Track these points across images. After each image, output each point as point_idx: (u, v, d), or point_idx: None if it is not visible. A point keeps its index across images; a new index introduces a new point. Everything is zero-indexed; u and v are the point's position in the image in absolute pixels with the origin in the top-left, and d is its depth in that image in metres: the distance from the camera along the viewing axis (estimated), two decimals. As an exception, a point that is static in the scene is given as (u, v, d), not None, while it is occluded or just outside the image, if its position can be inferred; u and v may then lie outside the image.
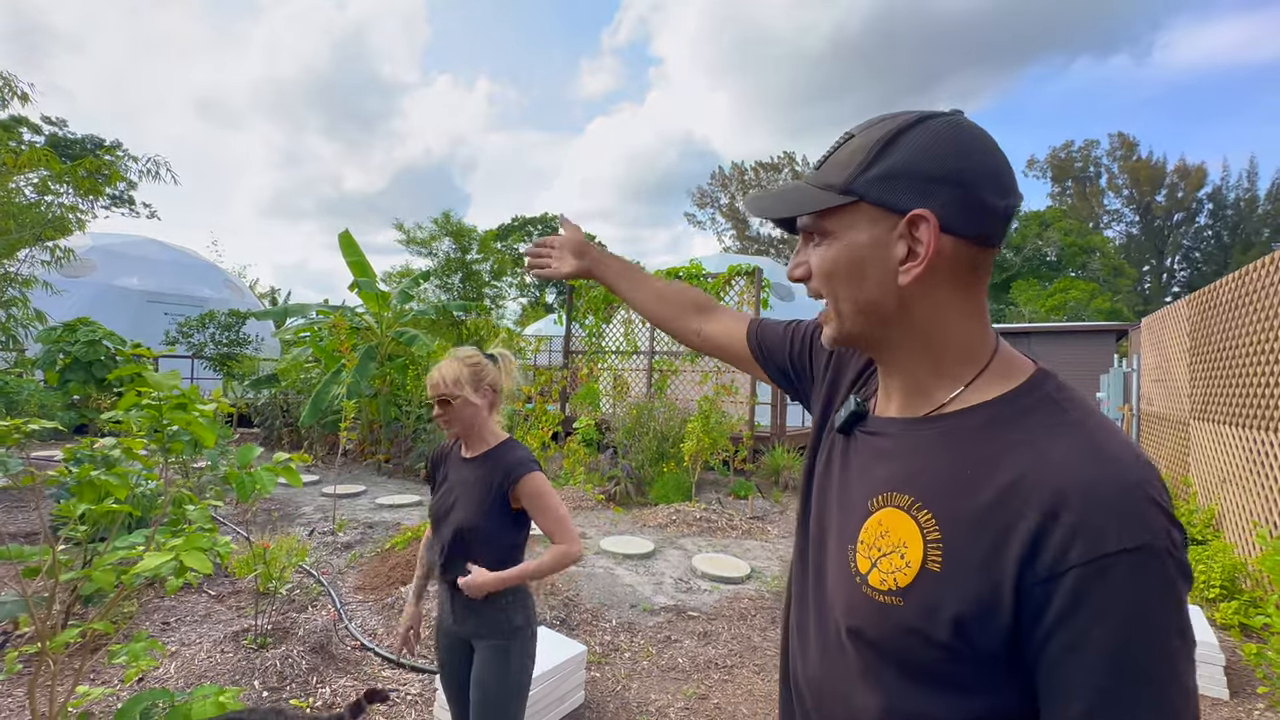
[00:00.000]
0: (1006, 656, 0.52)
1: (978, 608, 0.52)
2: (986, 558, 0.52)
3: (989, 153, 0.57)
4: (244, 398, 9.88)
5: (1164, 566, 0.48)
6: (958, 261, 0.58)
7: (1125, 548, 0.47)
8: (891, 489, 0.61)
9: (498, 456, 1.59)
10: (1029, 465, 0.53)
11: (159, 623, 3.15)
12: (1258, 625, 2.84)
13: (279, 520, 5.20)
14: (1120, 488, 0.49)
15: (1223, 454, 4.71)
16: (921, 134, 0.58)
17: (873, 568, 0.59)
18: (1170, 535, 0.48)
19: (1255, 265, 4.32)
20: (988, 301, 0.63)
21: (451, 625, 1.62)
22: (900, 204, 0.57)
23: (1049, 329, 17.62)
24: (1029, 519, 0.50)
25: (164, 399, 1.75)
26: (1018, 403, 0.57)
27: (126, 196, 24.12)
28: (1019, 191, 0.58)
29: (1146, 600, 0.47)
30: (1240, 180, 37.23)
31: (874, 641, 0.59)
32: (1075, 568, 0.48)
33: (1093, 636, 0.47)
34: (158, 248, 14.33)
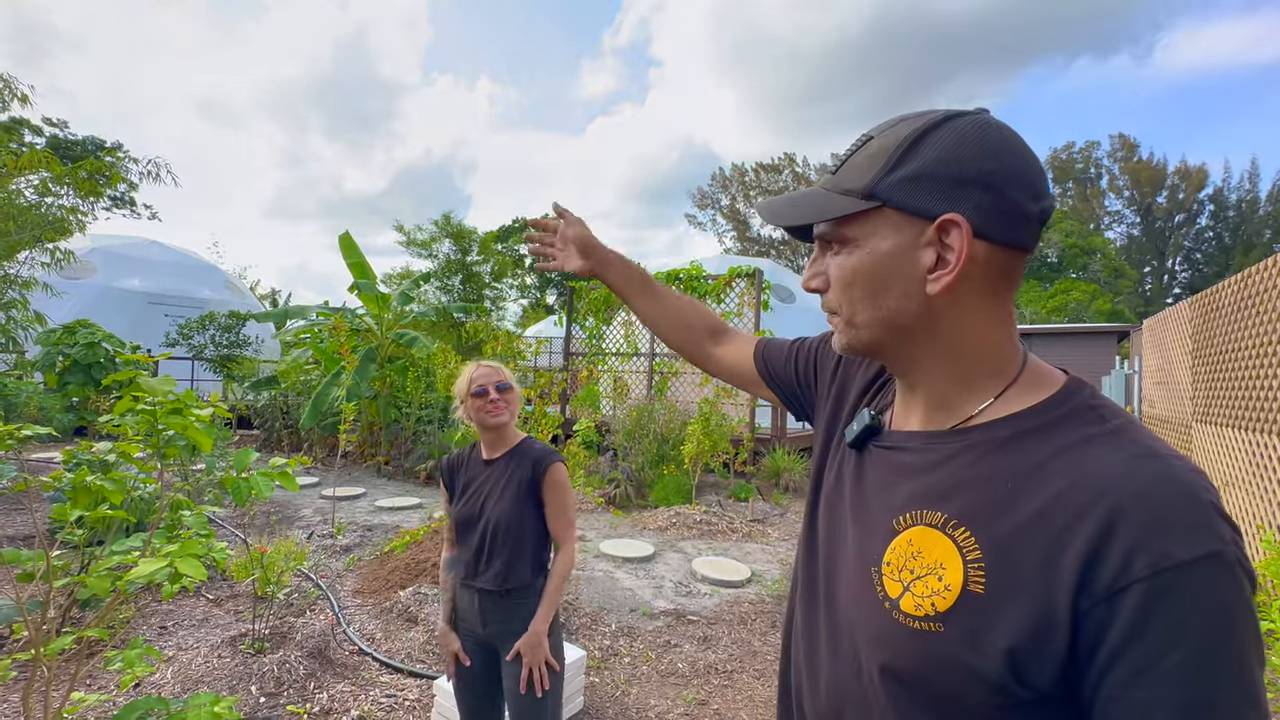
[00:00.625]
0: (1058, 698, 0.47)
1: (1029, 633, 0.47)
2: (1035, 577, 0.47)
3: (1020, 154, 0.54)
4: (244, 400, 9.88)
5: (1236, 576, 0.44)
6: (989, 268, 0.55)
7: (1196, 556, 0.43)
8: (921, 506, 0.57)
9: (523, 451, 1.67)
10: (1074, 476, 0.49)
11: (156, 627, 3.13)
12: (1263, 631, 2.82)
13: (278, 523, 5.19)
14: (1181, 494, 0.46)
15: (1226, 457, 4.69)
16: (947, 134, 0.54)
17: (905, 591, 0.54)
18: (1238, 543, 0.45)
19: (1258, 268, 4.30)
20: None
21: (479, 631, 1.65)
22: (928, 208, 0.54)
23: (1050, 330, 17.60)
24: (1081, 533, 0.46)
25: (159, 404, 1.74)
26: (1052, 412, 0.54)
27: (127, 198, 24.14)
28: (1051, 194, 0.55)
29: (1222, 613, 0.43)
30: (1241, 181, 37.24)
31: (909, 676, 0.53)
32: (1139, 582, 0.43)
33: (1165, 657, 0.43)
34: (158, 249, 14.34)
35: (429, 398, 7.79)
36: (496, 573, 1.61)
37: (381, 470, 7.78)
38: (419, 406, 7.83)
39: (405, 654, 2.97)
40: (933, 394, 0.61)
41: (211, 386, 11.76)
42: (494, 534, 1.62)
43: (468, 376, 1.69)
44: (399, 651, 2.99)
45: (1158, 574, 0.43)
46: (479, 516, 1.65)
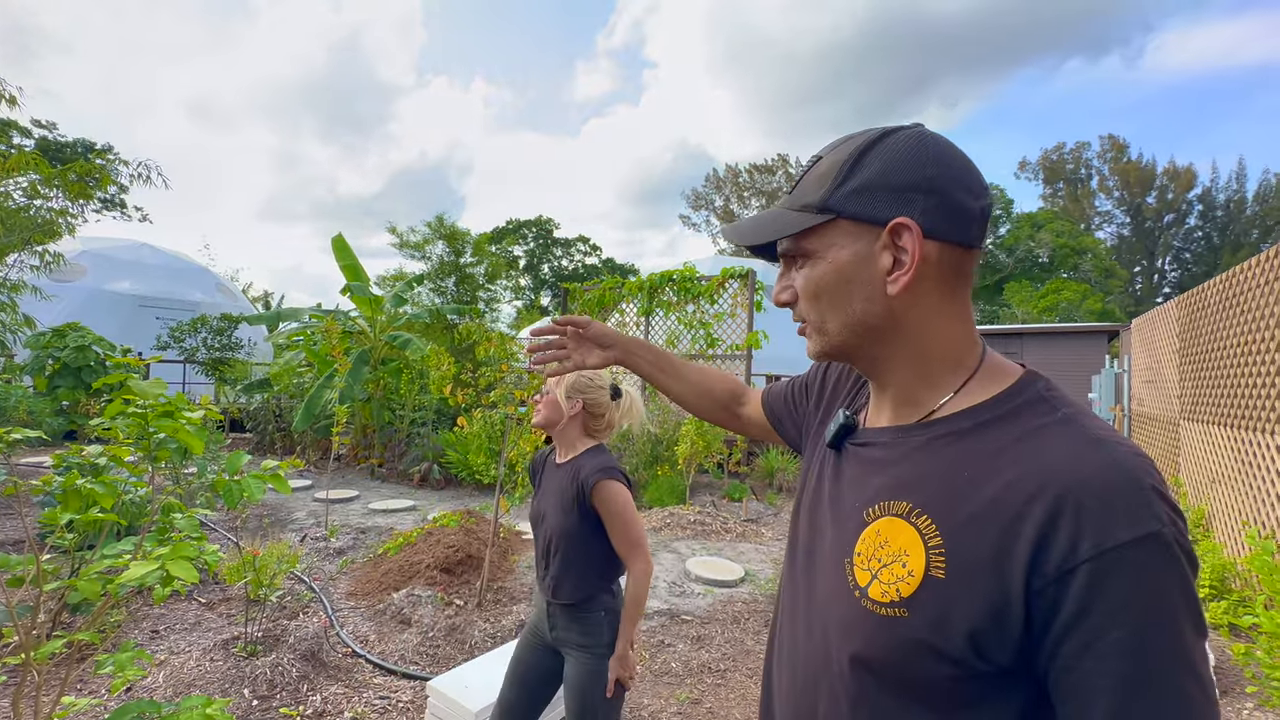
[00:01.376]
0: (1016, 671, 0.50)
1: (988, 614, 0.50)
2: (992, 560, 0.50)
3: (956, 159, 0.59)
4: (236, 402, 9.83)
5: (1175, 556, 0.47)
6: (943, 266, 0.58)
7: (1135, 537, 0.46)
8: (888, 497, 0.60)
9: (580, 462, 1.64)
10: (1025, 464, 0.52)
11: (148, 631, 3.12)
12: (1246, 625, 2.86)
13: (271, 526, 5.17)
14: (1123, 479, 0.48)
15: (1212, 454, 4.75)
16: (888, 148, 0.59)
17: (873, 580, 0.57)
18: (1176, 524, 0.48)
19: (1243, 266, 4.36)
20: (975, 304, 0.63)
21: (546, 634, 1.65)
22: (880, 215, 0.58)
23: (1041, 330, 17.72)
24: (1032, 519, 0.49)
25: (150, 407, 1.74)
26: (1008, 403, 0.57)
27: (117, 200, 23.97)
28: (989, 193, 0.59)
29: (1161, 590, 0.46)
30: (1229, 182, 37.64)
31: (876, 663, 0.56)
32: (1086, 562, 0.46)
33: (1109, 633, 0.46)
34: (149, 251, 14.26)
35: (423, 400, 7.78)
36: (550, 582, 1.61)
37: (375, 473, 7.76)
38: (413, 409, 7.82)
39: (399, 656, 2.97)
40: (900, 391, 0.64)
41: (204, 389, 11.69)
42: (548, 542, 1.63)
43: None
44: (392, 653, 2.99)
45: (1101, 554, 0.46)
46: (541, 521, 1.68)
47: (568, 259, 44.52)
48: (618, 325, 9.31)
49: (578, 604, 1.59)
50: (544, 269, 43.84)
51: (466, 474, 6.97)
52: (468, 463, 6.84)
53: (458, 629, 3.20)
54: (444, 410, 7.99)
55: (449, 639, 3.12)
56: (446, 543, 4.05)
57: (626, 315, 9.25)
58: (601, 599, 1.60)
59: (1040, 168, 41.21)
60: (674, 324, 8.66)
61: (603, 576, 1.61)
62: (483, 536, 4.26)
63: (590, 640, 1.57)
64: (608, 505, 1.56)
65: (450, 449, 7.15)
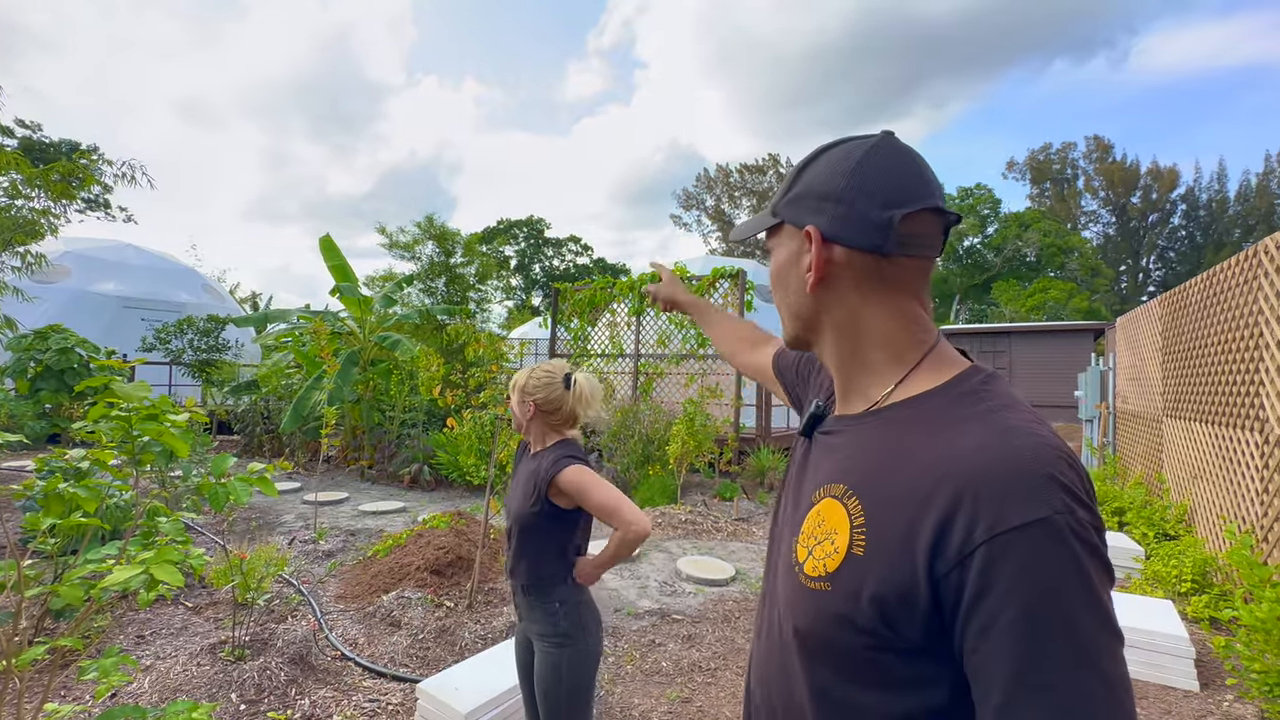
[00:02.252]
0: (932, 650, 0.52)
1: (896, 592, 0.53)
2: (902, 542, 0.53)
3: (883, 170, 0.62)
4: (223, 404, 9.73)
5: (1067, 542, 0.47)
6: (854, 269, 0.63)
7: (1025, 521, 0.47)
8: (831, 480, 0.64)
9: (546, 454, 1.68)
10: (940, 452, 0.55)
11: (133, 636, 3.09)
12: (1226, 619, 2.91)
13: (258, 529, 5.13)
14: (1019, 466, 0.50)
15: (1194, 451, 4.82)
16: (829, 158, 0.65)
17: (809, 556, 0.62)
18: (1074, 513, 0.48)
19: (1222, 266, 4.44)
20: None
21: (520, 623, 1.73)
22: (801, 221, 0.65)
23: (1028, 328, 17.91)
24: (936, 505, 0.52)
25: (134, 409, 1.72)
26: (943, 395, 0.60)
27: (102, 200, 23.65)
28: (918, 203, 0.61)
29: (1051, 576, 0.47)
30: (1211, 182, 38.22)
31: (809, 636, 0.60)
32: (980, 547, 0.48)
33: (1003, 614, 0.47)
34: (133, 252, 14.08)
35: (412, 401, 7.74)
36: (509, 563, 1.69)
37: (365, 474, 7.71)
38: (403, 410, 7.78)
39: (388, 658, 2.96)
40: (845, 381, 0.70)
41: (190, 392, 11.57)
42: (512, 528, 1.69)
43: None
44: (382, 656, 2.98)
45: (993, 538, 0.48)
46: (509, 507, 1.74)
47: (559, 259, 44.43)
48: (608, 325, 9.31)
49: (534, 592, 1.63)
50: (535, 269, 43.74)
51: (457, 475, 6.95)
52: (458, 464, 6.82)
53: (448, 631, 3.19)
54: (434, 411, 7.95)
55: (439, 641, 3.11)
56: (437, 544, 4.04)
57: (617, 315, 9.25)
58: (558, 590, 1.63)
59: (1028, 168, 41.65)
60: (664, 324, 8.67)
61: (558, 568, 1.64)
62: (473, 538, 4.25)
63: (548, 629, 1.61)
64: (571, 489, 1.59)
65: (441, 450, 7.12)
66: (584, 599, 1.65)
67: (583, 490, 1.59)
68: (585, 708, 1.61)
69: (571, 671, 1.59)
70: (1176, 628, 3.01)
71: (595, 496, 1.59)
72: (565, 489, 1.59)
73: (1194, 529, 4.72)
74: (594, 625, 1.66)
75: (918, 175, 0.62)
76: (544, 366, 1.75)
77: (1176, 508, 5.05)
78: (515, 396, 1.74)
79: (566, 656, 1.58)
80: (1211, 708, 2.73)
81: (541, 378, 1.72)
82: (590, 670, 1.62)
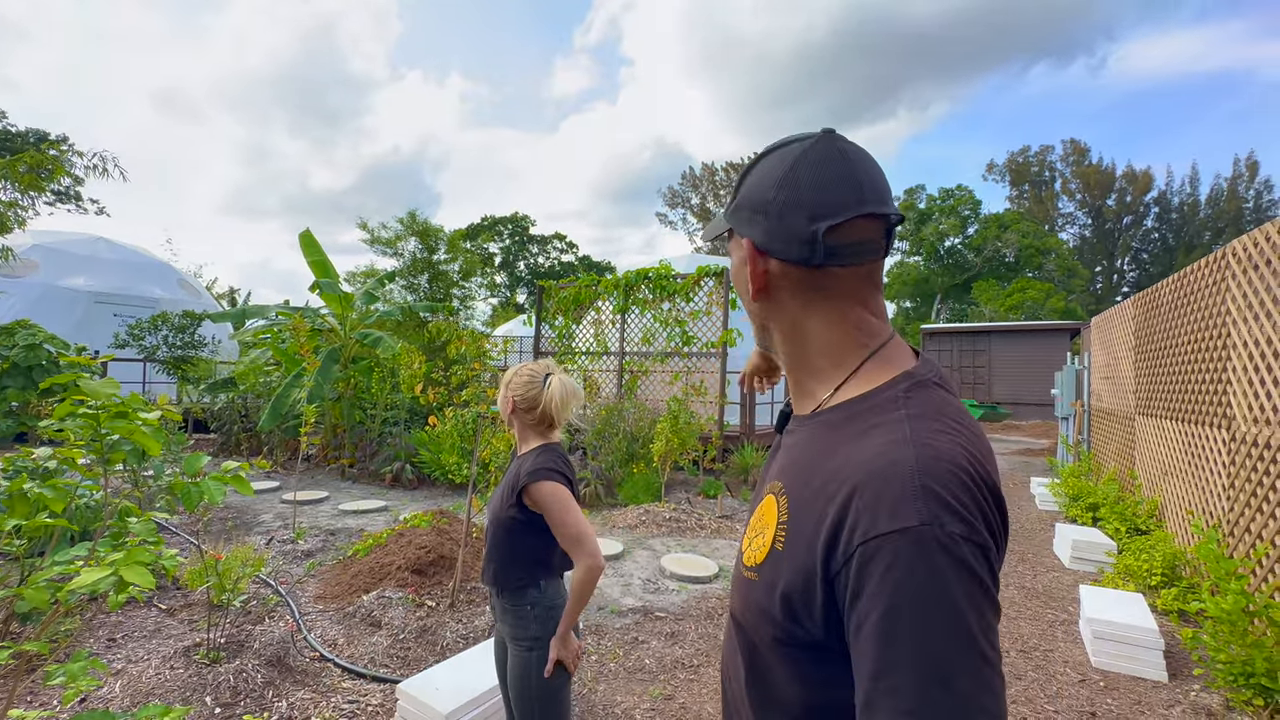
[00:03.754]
0: (833, 647, 0.54)
1: (800, 587, 0.55)
2: (808, 541, 0.56)
3: (806, 183, 0.61)
4: (200, 402, 9.53)
5: (930, 552, 0.48)
6: (790, 280, 0.65)
7: (894, 529, 0.49)
8: (774, 478, 0.68)
9: (525, 459, 1.67)
10: (846, 457, 0.57)
11: (104, 639, 3.02)
12: (1194, 611, 2.99)
13: (235, 529, 5.04)
14: (898, 474, 0.51)
15: (1164, 448, 4.95)
16: (765, 165, 0.65)
17: (748, 546, 0.66)
18: (942, 524, 0.48)
19: (1193, 267, 4.55)
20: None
21: (495, 622, 1.72)
22: (742, 232, 0.67)
23: (1007, 328, 18.22)
24: (833, 508, 0.54)
25: (103, 407, 1.68)
26: (868, 401, 0.62)
27: (73, 193, 23.02)
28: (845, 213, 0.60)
29: (909, 584, 0.47)
30: (1183, 186, 39.19)
31: (741, 621, 0.64)
32: (857, 549, 0.50)
33: (868, 617, 0.48)
34: (105, 246, 13.70)
35: (394, 399, 7.66)
36: (485, 566, 1.68)
37: (345, 473, 7.61)
38: (384, 408, 7.69)
39: (368, 659, 2.93)
40: (797, 384, 0.72)
41: (165, 389, 11.31)
42: (488, 529, 1.69)
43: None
44: (362, 656, 2.95)
45: (866, 543, 0.50)
46: (490, 505, 1.73)
47: (544, 256, 44.21)
48: (593, 323, 9.28)
49: (507, 594, 1.63)
50: (520, 266, 43.47)
51: (440, 473, 6.89)
52: (440, 462, 6.76)
53: (429, 630, 3.16)
54: (417, 409, 7.87)
55: (420, 641, 3.08)
56: (418, 543, 4.00)
57: (602, 313, 9.23)
58: (529, 593, 1.62)
59: (1007, 170, 42.33)
60: (649, 321, 8.67)
61: (530, 571, 1.63)
62: (455, 536, 4.21)
63: (519, 632, 1.60)
64: (542, 505, 1.58)
65: (423, 448, 7.05)
66: (556, 602, 1.63)
67: (552, 509, 1.58)
68: (561, 709, 1.60)
69: (541, 676, 1.57)
70: (1147, 620, 3.08)
71: (563, 520, 1.58)
72: (538, 500, 1.58)
73: (1164, 524, 4.84)
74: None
75: (849, 181, 0.61)
76: (531, 366, 1.74)
77: (1148, 503, 5.18)
78: (501, 392, 1.75)
79: (536, 659, 1.57)
80: (1179, 697, 2.80)
81: (525, 376, 1.72)
82: (563, 673, 1.61)
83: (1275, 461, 3.18)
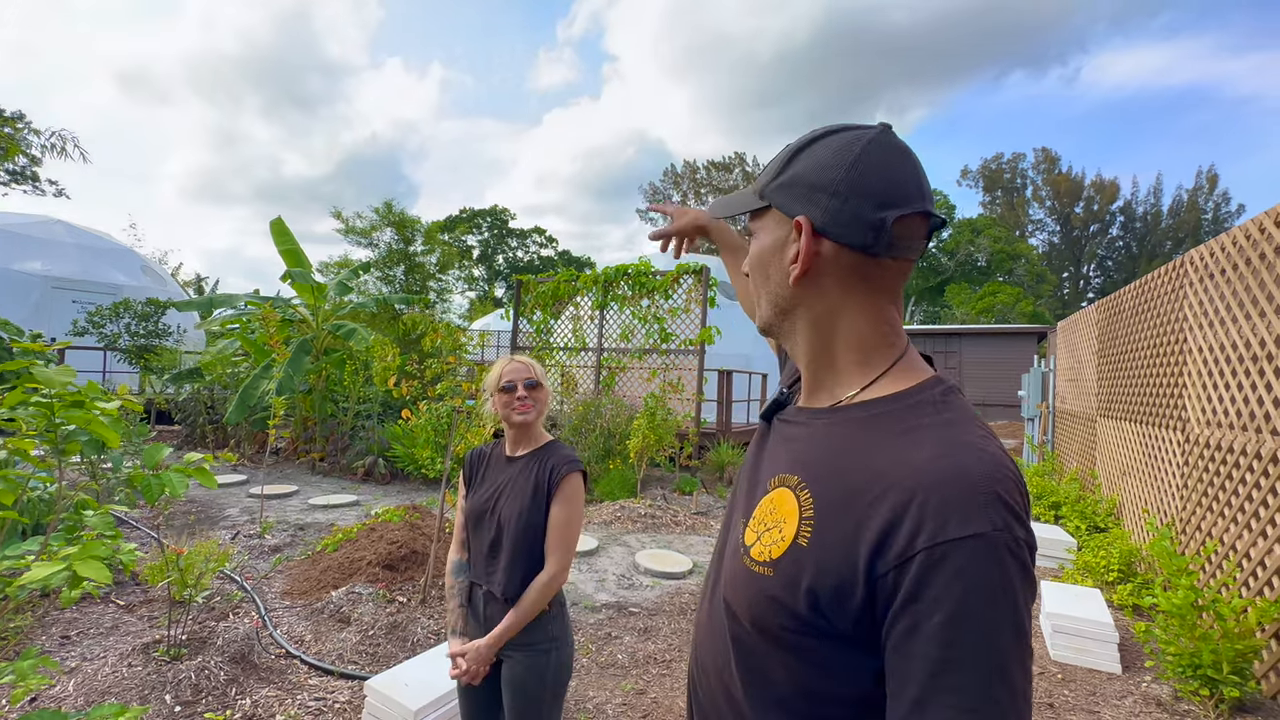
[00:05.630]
0: (860, 641, 0.55)
1: (833, 585, 0.54)
2: (845, 540, 0.55)
3: (881, 167, 0.60)
4: (163, 393, 9.24)
5: (1000, 558, 0.49)
6: (840, 266, 0.62)
7: (964, 535, 0.49)
8: (787, 471, 0.65)
9: (548, 452, 1.62)
10: (892, 459, 0.56)
11: (57, 636, 2.91)
12: (1147, 605, 3.11)
13: (198, 523, 4.90)
14: (965, 482, 0.52)
15: (1123, 448, 5.12)
16: (825, 146, 0.62)
17: (757, 540, 0.63)
18: (1012, 531, 0.50)
19: (1152, 275, 4.71)
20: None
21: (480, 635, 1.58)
22: (792, 210, 0.63)
23: (978, 330, 18.67)
24: (883, 509, 0.53)
25: (57, 395, 1.61)
26: (903, 401, 0.61)
27: (29, 173, 22.06)
28: (911, 206, 0.60)
29: (980, 588, 0.49)
30: (1148, 196, 40.54)
31: (742, 612, 0.62)
32: (920, 553, 0.50)
33: (929, 620, 0.49)
34: (63, 229, 13.17)
35: (367, 392, 7.53)
36: (502, 577, 1.55)
37: (316, 467, 7.46)
38: (357, 401, 7.55)
39: (336, 655, 2.88)
40: (811, 375, 0.70)
41: (127, 379, 10.94)
42: (503, 534, 1.57)
43: (498, 370, 1.65)
44: (330, 653, 2.90)
45: (934, 547, 0.50)
46: (491, 513, 1.60)
47: (523, 250, 43.87)
48: (571, 319, 9.24)
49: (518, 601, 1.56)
50: (498, 260, 43.05)
51: (413, 468, 6.80)
52: (414, 456, 6.67)
53: (399, 626, 3.12)
54: (390, 403, 7.74)
55: (390, 637, 3.04)
56: (390, 538, 3.95)
57: (581, 308, 9.19)
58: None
59: (980, 176, 43.27)
60: (628, 318, 8.66)
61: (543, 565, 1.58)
62: (428, 532, 4.17)
63: (537, 637, 1.55)
64: (566, 499, 1.55)
65: (396, 442, 6.95)
66: (564, 601, 1.63)
67: (572, 501, 1.55)
68: (560, 711, 1.60)
69: (556, 675, 1.56)
70: (1103, 614, 3.19)
71: (570, 517, 1.54)
72: (564, 490, 1.55)
73: (1122, 522, 5.02)
74: (570, 629, 1.65)
75: (914, 176, 0.61)
76: (520, 359, 1.69)
77: (1107, 502, 5.36)
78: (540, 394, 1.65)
79: (552, 661, 1.55)
80: (1131, 688, 2.91)
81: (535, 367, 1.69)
82: (569, 673, 1.60)
83: (1225, 463, 3.31)
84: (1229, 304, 3.42)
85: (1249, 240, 3.25)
